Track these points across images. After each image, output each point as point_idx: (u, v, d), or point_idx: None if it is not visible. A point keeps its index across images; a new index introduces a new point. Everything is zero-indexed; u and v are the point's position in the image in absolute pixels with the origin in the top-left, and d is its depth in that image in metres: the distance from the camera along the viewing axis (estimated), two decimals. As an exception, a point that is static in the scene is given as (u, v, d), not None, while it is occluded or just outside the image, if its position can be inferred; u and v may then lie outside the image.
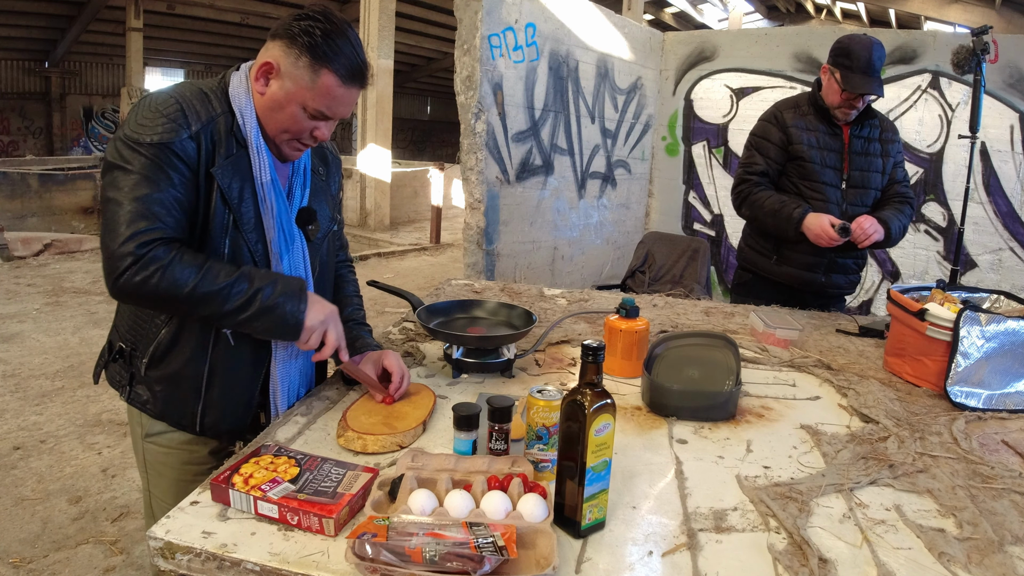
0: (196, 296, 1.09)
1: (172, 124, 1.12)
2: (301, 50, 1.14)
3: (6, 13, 12.53)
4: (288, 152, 1.24)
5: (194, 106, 1.15)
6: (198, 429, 1.26)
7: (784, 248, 2.31)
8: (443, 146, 23.44)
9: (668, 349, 1.54)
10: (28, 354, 4.41)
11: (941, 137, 4.06)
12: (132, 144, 1.10)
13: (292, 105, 1.17)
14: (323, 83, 1.15)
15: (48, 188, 8.77)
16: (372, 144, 9.51)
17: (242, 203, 1.19)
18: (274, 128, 1.20)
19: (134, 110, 1.15)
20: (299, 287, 1.17)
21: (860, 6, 11.59)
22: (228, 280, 1.11)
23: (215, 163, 1.16)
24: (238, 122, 1.19)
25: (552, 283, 3.99)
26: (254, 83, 1.20)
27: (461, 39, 3.33)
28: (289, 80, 1.16)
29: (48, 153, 15.23)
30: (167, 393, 1.25)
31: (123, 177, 1.09)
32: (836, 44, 2.21)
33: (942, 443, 1.23)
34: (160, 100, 1.14)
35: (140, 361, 1.24)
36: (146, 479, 1.33)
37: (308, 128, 1.20)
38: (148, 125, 1.11)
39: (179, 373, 1.23)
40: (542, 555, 0.84)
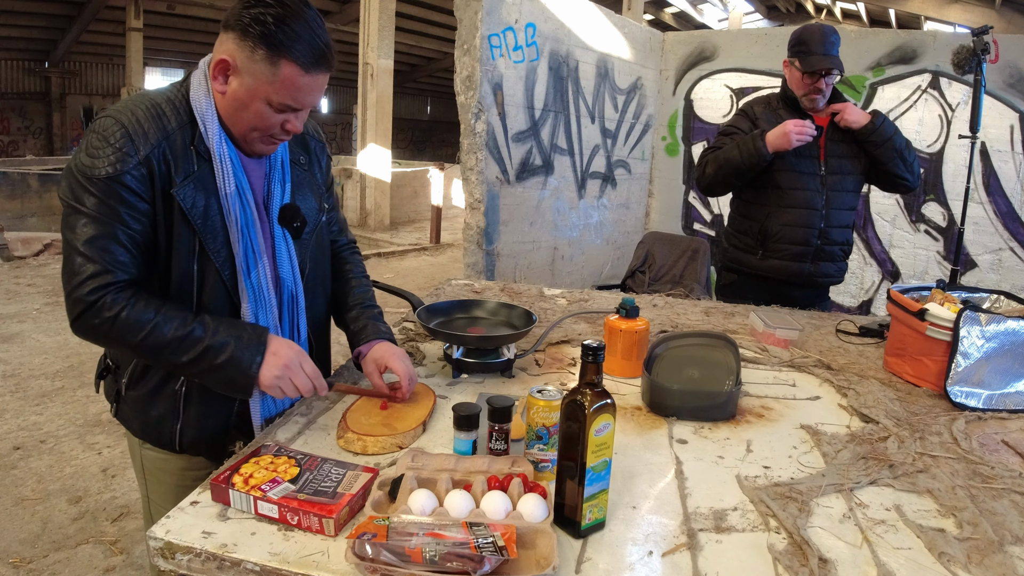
0: (146, 346, 1.06)
1: (118, 154, 1.05)
2: (255, 41, 1.05)
3: (6, 13, 12.53)
4: (261, 149, 1.17)
5: (142, 128, 1.07)
6: (178, 448, 1.23)
7: (769, 241, 2.32)
8: (443, 146, 23.45)
9: (668, 349, 1.54)
10: (28, 354, 4.41)
11: (941, 137, 4.06)
12: (82, 180, 1.05)
13: (256, 102, 1.09)
14: (284, 74, 1.06)
15: (48, 188, 8.77)
16: (372, 144, 9.52)
17: (207, 221, 1.12)
18: (241, 128, 1.13)
19: (85, 136, 1.09)
20: (257, 341, 1.10)
21: (860, 6, 11.59)
22: (179, 333, 1.06)
23: (173, 183, 1.09)
24: (200, 132, 1.11)
25: (552, 283, 3.99)
26: (213, 83, 1.12)
27: (461, 39, 3.33)
28: (248, 76, 1.07)
29: (48, 153, 15.23)
30: (145, 413, 1.22)
31: (75, 217, 1.06)
32: (791, 36, 2.28)
33: (942, 443, 1.23)
34: (106, 127, 1.07)
35: (121, 380, 1.23)
36: (144, 485, 1.32)
37: (277, 122, 1.12)
38: (96, 156, 1.05)
39: (155, 392, 1.20)
40: (542, 555, 0.84)
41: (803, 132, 2.15)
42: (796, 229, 2.28)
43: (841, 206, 2.30)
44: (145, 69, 14.30)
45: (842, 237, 2.34)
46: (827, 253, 2.32)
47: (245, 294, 1.17)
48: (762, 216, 2.33)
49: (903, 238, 4.26)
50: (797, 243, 2.29)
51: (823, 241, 2.29)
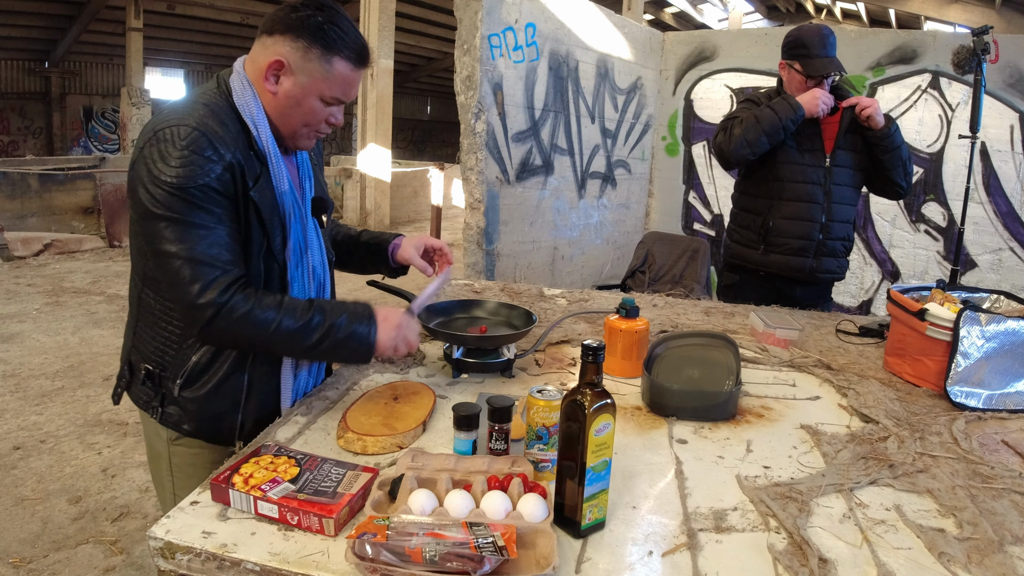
0: (279, 336, 1.13)
1: (204, 161, 1.09)
2: (310, 41, 1.13)
3: (6, 13, 12.53)
4: (305, 144, 1.25)
5: (218, 133, 1.12)
6: (236, 438, 1.26)
7: (771, 235, 2.31)
8: (443, 146, 23.44)
9: (668, 349, 1.54)
10: (28, 354, 4.41)
11: (941, 137, 4.06)
12: (171, 189, 1.07)
13: (310, 99, 1.17)
14: (338, 71, 1.16)
15: (48, 188, 8.77)
16: (372, 144, 9.51)
17: (272, 221, 1.20)
18: (293, 124, 1.20)
19: (153, 146, 1.10)
20: (367, 314, 1.20)
21: (860, 6, 11.59)
22: (305, 318, 1.14)
23: (249, 186, 1.16)
24: (254, 137, 1.17)
25: (552, 283, 3.99)
26: (263, 83, 1.18)
27: (461, 39, 3.33)
28: (303, 74, 1.15)
29: (48, 153, 15.23)
30: (203, 411, 1.24)
31: (171, 227, 1.08)
32: (787, 38, 2.28)
33: (942, 443, 1.23)
34: (183, 134, 1.09)
35: (172, 383, 1.23)
36: (171, 482, 1.31)
37: (324, 117, 1.21)
38: (182, 166, 1.07)
39: (216, 390, 1.23)
40: (542, 555, 0.84)
41: (829, 102, 2.15)
42: (798, 223, 2.27)
43: (843, 200, 2.29)
44: (145, 69, 14.30)
45: (843, 232, 2.33)
46: (829, 248, 2.31)
47: (291, 285, 1.26)
48: (764, 210, 2.32)
49: (903, 238, 4.26)
50: (799, 237, 2.28)
51: (825, 235, 2.28)
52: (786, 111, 2.15)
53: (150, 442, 1.33)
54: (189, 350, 1.21)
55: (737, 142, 2.21)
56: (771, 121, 2.16)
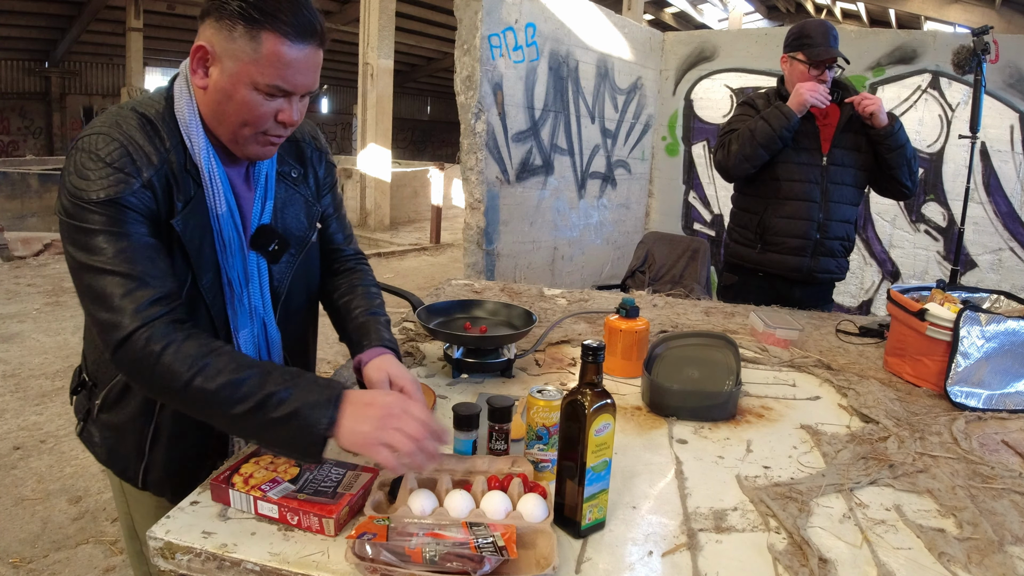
0: (190, 396, 0.90)
1: (118, 175, 0.94)
2: (233, 19, 0.94)
3: (6, 13, 12.54)
4: (257, 150, 1.04)
5: (142, 148, 0.97)
6: (140, 485, 1.14)
7: (767, 234, 2.31)
8: (443, 146, 23.45)
9: (668, 349, 1.54)
10: (28, 354, 4.41)
11: (941, 137, 4.06)
12: (79, 203, 0.93)
13: (241, 88, 0.96)
14: (267, 49, 0.94)
15: (48, 188, 8.77)
16: (372, 144, 9.52)
17: (201, 253, 1.03)
18: (231, 125, 1.00)
19: (73, 155, 0.96)
20: (330, 394, 0.90)
21: (860, 6, 11.59)
22: (231, 379, 0.89)
23: (174, 211, 0.99)
24: (190, 154, 1.01)
25: (552, 283, 3.99)
26: (192, 78, 1.00)
27: (461, 39, 3.33)
28: (229, 59, 0.96)
29: (48, 153, 15.24)
30: (112, 442, 1.14)
31: (85, 236, 0.93)
32: (790, 32, 2.29)
33: (942, 443, 1.23)
34: (99, 145, 0.95)
35: (95, 400, 1.13)
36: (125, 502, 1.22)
37: (269, 113, 0.99)
38: (93, 179, 0.93)
39: (125, 425, 1.11)
40: (542, 555, 0.84)
41: (816, 91, 2.15)
42: (794, 222, 2.27)
43: (841, 200, 2.28)
44: (145, 69, 14.30)
45: (842, 232, 2.31)
46: (827, 248, 2.29)
47: (236, 321, 1.10)
48: (760, 209, 2.32)
49: (903, 238, 4.26)
50: (796, 236, 2.27)
51: (822, 235, 2.27)
52: (779, 121, 2.17)
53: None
54: (114, 371, 1.08)
55: (736, 158, 2.25)
56: (766, 133, 2.18)
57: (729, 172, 2.31)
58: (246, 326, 1.11)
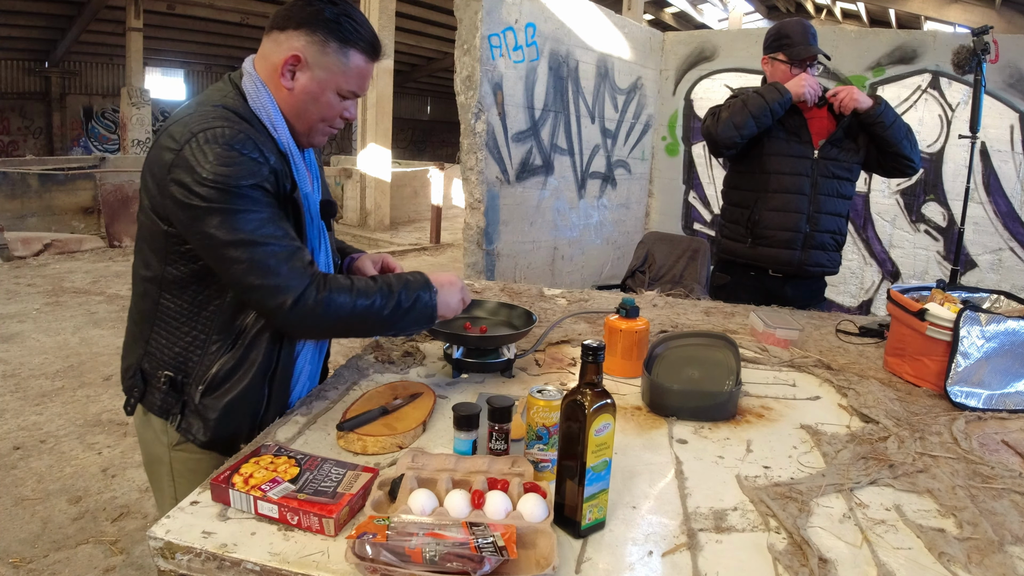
0: (356, 317, 1.13)
1: (252, 162, 1.09)
2: (326, 35, 1.14)
3: (6, 13, 12.53)
4: (320, 140, 1.25)
5: (255, 136, 1.12)
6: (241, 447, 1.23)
7: (757, 228, 2.31)
8: (443, 146, 23.44)
9: (668, 349, 1.54)
10: (28, 354, 4.41)
11: (941, 137, 4.06)
12: (221, 187, 1.06)
13: (327, 93, 1.17)
14: (354, 64, 1.17)
15: (48, 188, 8.77)
16: (372, 144, 9.51)
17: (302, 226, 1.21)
18: (310, 120, 1.20)
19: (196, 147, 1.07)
20: (424, 281, 1.22)
21: (860, 6, 11.59)
22: (374, 296, 1.15)
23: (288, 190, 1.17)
24: (275, 139, 1.17)
25: (552, 283, 3.99)
26: (278, 80, 1.16)
27: (461, 39, 3.33)
28: (320, 69, 1.15)
29: (48, 153, 15.24)
30: (221, 422, 1.21)
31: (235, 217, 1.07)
32: (768, 34, 2.31)
33: (942, 443, 1.23)
34: (228, 135, 1.08)
35: (194, 389, 1.20)
36: (173, 488, 1.27)
37: (340, 112, 1.21)
38: (229, 165, 1.06)
39: (240, 397, 1.20)
40: (542, 555, 0.84)
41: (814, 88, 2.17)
42: (784, 214, 2.27)
43: (831, 192, 2.27)
44: (145, 69, 14.30)
45: (833, 225, 2.31)
46: (817, 241, 2.29)
47: None
48: (750, 202, 2.32)
49: (903, 238, 4.26)
50: (785, 229, 2.27)
51: (813, 227, 2.27)
52: (773, 94, 2.17)
53: (148, 448, 1.30)
54: (214, 355, 1.19)
55: (724, 124, 2.22)
56: (758, 104, 2.17)
57: (716, 139, 2.27)
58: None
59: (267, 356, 1.21)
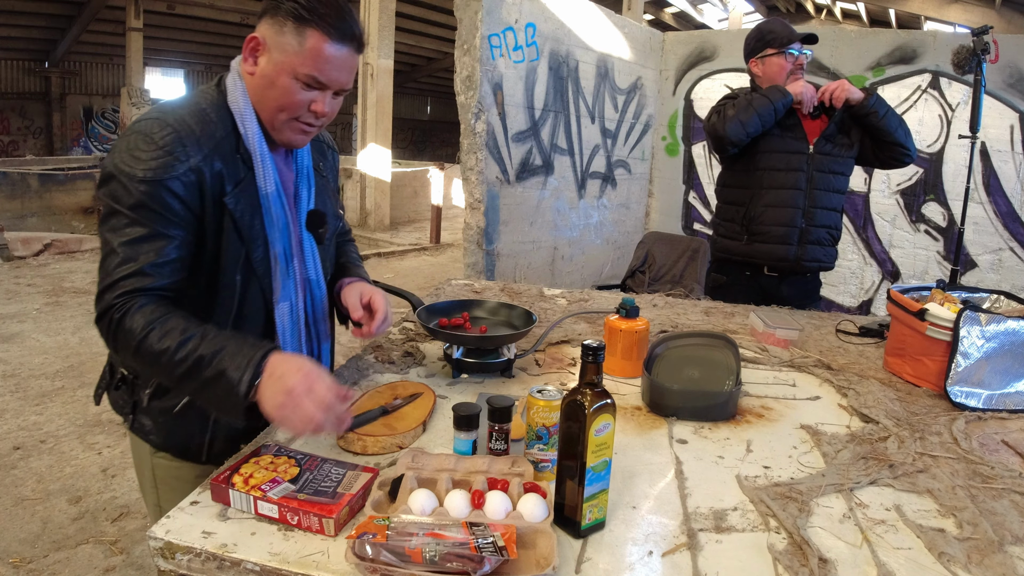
0: (143, 356, 0.99)
1: (168, 157, 1.04)
2: (285, 17, 1.08)
3: (6, 13, 12.54)
4: (291, 136, 1.15)
5: (194, 132, 1.07)
6: (204, 459, 1.21)
7: (753, 224, 2.32)
8: (443, 146, 23.45)
9: (668, 349, 1.54)
10: (28, 354, 4.41)
11: (941, 137, 4.06)
12: (123, 178, 1.03)
13: (283, 76, 1.09)
14: (310, 44, 1.07)
15: (48, 188, 8.78)
16: (372, 144, 9.52)
17: (252, 230, 1.14)
18: (271, 109, 1.12)
19: (126, 136, 1.06)
20: (252, 357, 0.96)
21: (860, 6, 11.59)
22: (174, 342, 0.98)
23: (224, 191, 1.09)
24: (242, 138, 1.13)
25: (552, 283, 3.99)
26: (243, 66, 1.13)
27: (461, 39, 3.33)
28: (276, 51, 1.09)
29: (48, 153, 15.23)
30: (171, 424, 1.19)
31: (116, 217, 1.03)
32: (749, 38, 2.35)
33: (942, 443, 1.23)
34: (152, 128, 1.05)
35: (143, 391, 1.18)
36: (155, 494, 1.27)
37: (304, 102, 1.11)
38: (142, 157, 1.03)
39: (185, 404, 1.17)
40: (542, 555, 0.84)
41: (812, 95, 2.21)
42: (779, 210, 2.27)
43: (827, 187, 2.29)
44: (145, 69, 14.30)
45: (829, 220, 2.32)
46: (813, 236, 2.29)
47: (278, 294, 1.19)
48: (745, 200, 2.34)
49: (903, 238, 4.26)
50: (781, 224, 2.27)
51: (808, 222, 2.27)
52: (775, 94, 2.20)
53: (135, 451, 1.29)
54: None
55: (732, 122, 2.23)
56: (763, 103, 2.20)
57: (722, 136, 2.27)
58: (287, 299, 1.21)
59: None
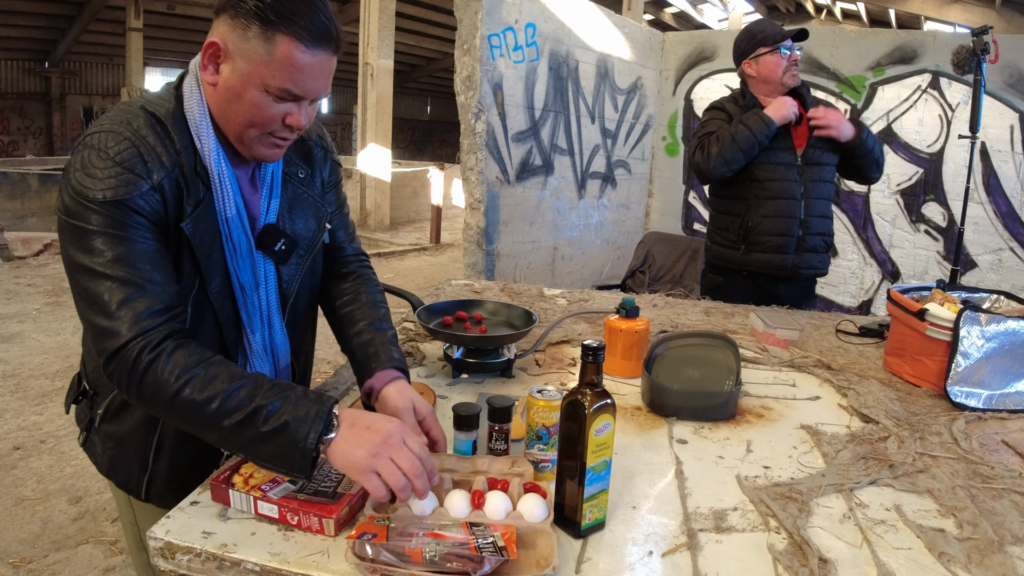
0: (180, 408, 0.88)
1: (129, 175, 0.91)
2: (248, 18, 0.91)
3: (6, 13, 12.55)
4: (264, 152, 1.01)
5: (154, 149, 0.94)
6: (143, 497, 1.13)
7: (751, 234, 2.34)
8: (443, 146, 23.46)
9: (668, 349, 1.54)
10: (28, 354, 4.41)
11: (941, 137, 4.06)
12: (83, 201, 0.90)
13: (251, 89, 0.94)
14: (281, 52, 0.92)
15: (48, 188, 8.77)
16: (372, 144, 9.52)
17: (211, 258, 1.01)
18: (237, 124, 0.98)
19: (79, 152, 0.93)
20: (320, 408, 0.88)
21: (860, 6, 11.59)
22: (222, 391, 0.87)
23: (183, 214, 0.97)
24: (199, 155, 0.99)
25: (552, 283, 3.99)
26: (202, 74, 0.98)
27: (461, 39, 3.33)
28: (241, 59, 0.93)
29: (48, 153, 15.24)
30: (114, 453, 1.11)
31: (86, 237, 0.90)
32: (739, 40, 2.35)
33: (942, 443, 1.23)
34: (109, 143, 0.92)
35: (97, 410, 1.10)
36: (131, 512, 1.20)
37: (277, 116, 0.97)
38: (100, 177, 0.90)
39: (127, 436, 1.09)
40: (542, 555, 0.84)
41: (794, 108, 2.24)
42: (777, 220, 2.30)
43: (820, 196, 2.33)
44: (145, 69, 14.31)
45: (823, 227, 2.36)
46: (809, 244, 2.33)
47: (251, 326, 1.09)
48: (742, 210, 2.35)
49: (903, 238, 4.26)
50: (779, 234, 2.30)
51: (805, 231, 2.31)
52: (759, 127, 2.21)
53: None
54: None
55: (716, 161, 2.26)
56: (746, 138, 2.21)
57: (707, 174, 2.32)
58: (258, 329, 1.10)
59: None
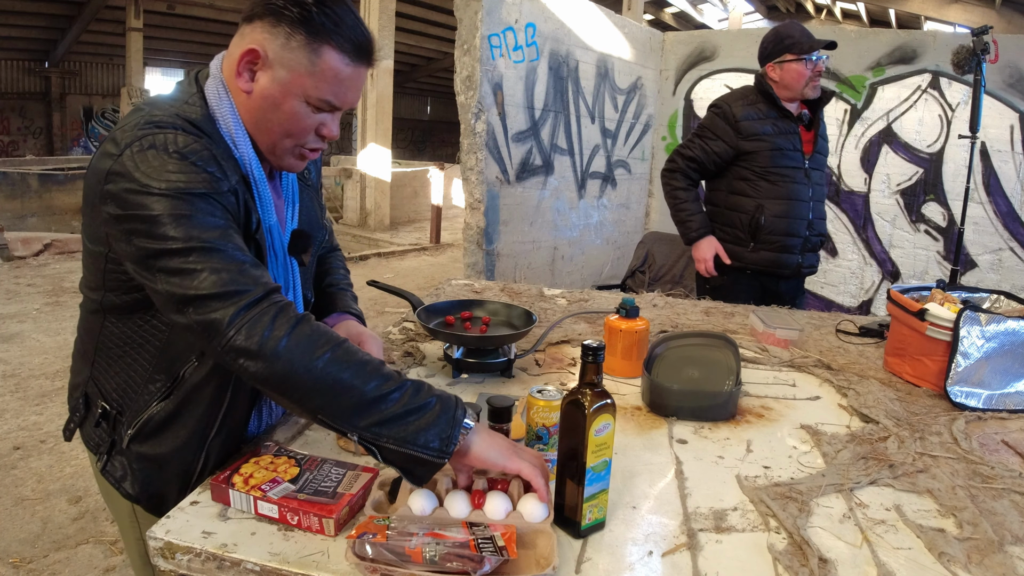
0: (335, 357, 0.84)
1: (209, 176, 0.89)
2: (292, 26, 0.90)
3: (6, 13, 12.54)
4: (291, 163, 1.01)
5: (216, 151, 0.92)
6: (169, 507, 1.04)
7: (761, 232, 2.39)
8: (443, 146, 23.45)
9: (668, 349, 1.54)
10: (28, 354, 4.41)
11: (941, 137, 4.06)
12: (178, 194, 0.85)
13: (291, 99, 0.93)
14: (326, 63, 0.92)
15: (48, 188, 8.78)
16: (372, 144, 9.52)
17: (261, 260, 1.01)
18: (272, 135, 0.97)
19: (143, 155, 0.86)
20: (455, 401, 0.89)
21: (860, 6, 11.59)
22: (375, 359, 0.87)
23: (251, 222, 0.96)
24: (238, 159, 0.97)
25: (552, 283, 3.99)
26: (236, 81, 0.95)
27: (461, 39, 3.33)
28: (282, 67, 0.92)
29: (48, 153, 15.24)
30: (148, 476, 1.04)
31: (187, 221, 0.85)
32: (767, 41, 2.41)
33: (942, 443, 1.23)
34: (183, 144, 0.88)
35: (124, 430, 1.02)
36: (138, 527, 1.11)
37: (312, 126, 0.97)
38: (181, 172, 0.86)
39: (169, 457, 1.02)
40: (542, 555, 0.84)
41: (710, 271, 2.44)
42: (789, 220, 2.37)
43: (822, 198, 2.45)
44: (145, 69, 14.31)
45: (823, 228, 2.48)
46: (812, 244, 2.44)
47: None
48: (752, 208, 2.39)
49: (903, 238, 4.26)
50: (789, 234, 2.37)
51: (811, 232, 2.40)
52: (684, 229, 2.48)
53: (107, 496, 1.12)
54: (151, 396, 1.00)
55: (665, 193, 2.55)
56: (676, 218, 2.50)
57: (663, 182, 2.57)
58: None
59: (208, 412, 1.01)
